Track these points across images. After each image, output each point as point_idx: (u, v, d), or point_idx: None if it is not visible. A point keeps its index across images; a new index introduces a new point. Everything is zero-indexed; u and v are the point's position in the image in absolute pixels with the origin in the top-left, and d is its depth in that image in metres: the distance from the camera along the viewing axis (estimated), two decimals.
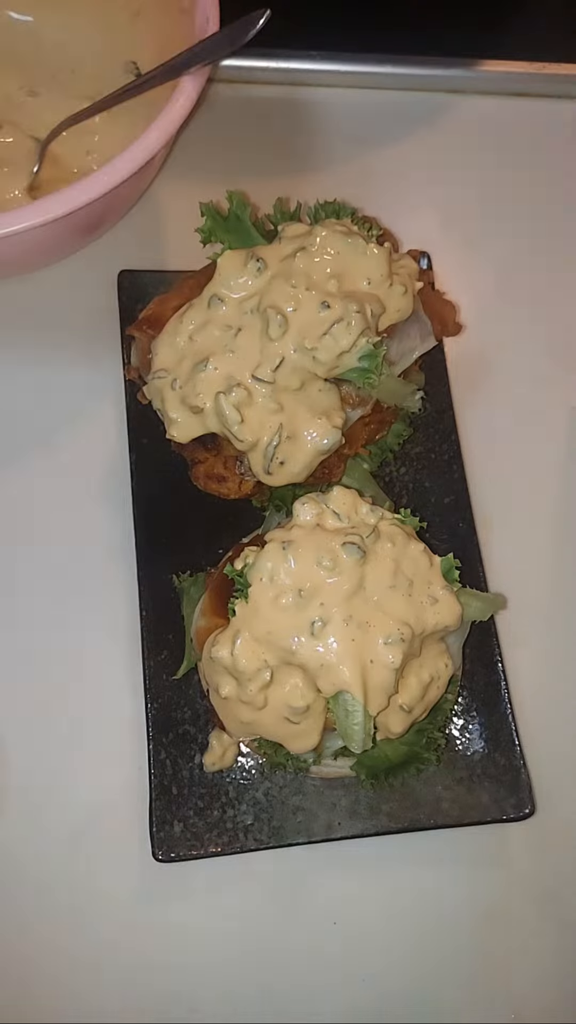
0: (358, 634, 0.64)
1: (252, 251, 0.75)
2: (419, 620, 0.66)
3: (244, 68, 1.04)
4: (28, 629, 0.83)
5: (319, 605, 0.64)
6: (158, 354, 0.75)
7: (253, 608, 0.65)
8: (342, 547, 0.65)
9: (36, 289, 0.93)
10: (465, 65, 1.07)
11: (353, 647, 0.64)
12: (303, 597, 0.64)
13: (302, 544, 0.66)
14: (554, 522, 0.91)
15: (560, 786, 0.82)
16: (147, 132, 0.78)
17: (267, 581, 0.65)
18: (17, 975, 0.75)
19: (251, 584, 0.65)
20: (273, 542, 0.66)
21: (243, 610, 0.65)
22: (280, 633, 0.64)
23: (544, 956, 0.78)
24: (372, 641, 0.64)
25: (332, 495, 0.69)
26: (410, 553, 0.68)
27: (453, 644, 0.73)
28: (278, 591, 0.65)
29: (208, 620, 0.71)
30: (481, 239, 1.02)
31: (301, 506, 0.68)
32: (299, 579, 0.65)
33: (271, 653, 0.65)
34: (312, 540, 0.66)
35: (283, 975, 0.76)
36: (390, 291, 0.74)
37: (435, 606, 0.67)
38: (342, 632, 0.64)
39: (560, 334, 0.99)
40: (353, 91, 1.07)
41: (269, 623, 0.64)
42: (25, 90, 0.96)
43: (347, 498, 0.69)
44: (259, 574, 0.65)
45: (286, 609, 0.64)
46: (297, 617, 0.64)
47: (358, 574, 0.65)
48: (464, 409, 0.92)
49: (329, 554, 0.65)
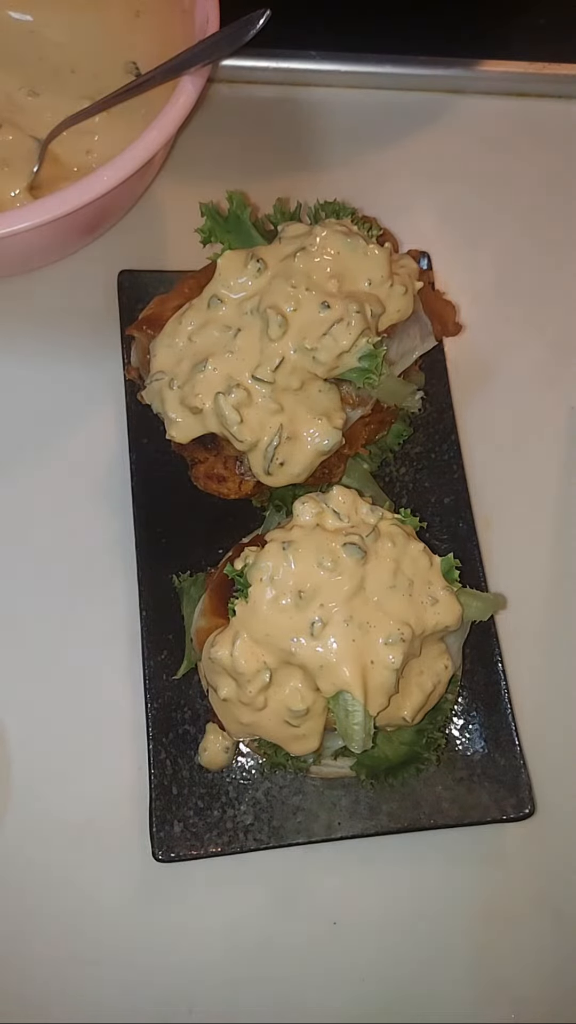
0: (358, 634, 0.64)
1: (252, 251, 0.75)
2: (419, 620, 0.66)
3: (244, 68, 1.04)
4: (28, 629, 0.83)
5: (319, 606, 0.64)
6: (156, 356, 0.75)
7: (253, 608, 0.65)
8: (343, 547, 0.65)
9: (36, 289, 0.93)
10: (465, 65, 1.07)
11: (353, 647, 0.64)
12: (303, 598, 0.64)
13: (302, 544, 0.66)
14: (554, 522, 0.91)
15: (560, 786, 0.82)
16: (147, 132, 0.78)
17: (267, 581, 0.65)
18: (17, 975, 0.75)
19: (251, 584, 0.65)
20: (273, 542, 0.66)
21: (243, 610, 0.65)
22: (280, 634, 0.64)
23: (544, 956, 0.79)
24: (372, 641, 0.64)
25: (332, 495, 0.69)
26: (410, 553, 0.68)
27: (453, 644, 0.73)
28: (278, 591, 0.65)
29: (208, 620, 0.71)
30: (481, 239, 1.02)
31: (301, 506, 0.68)
32: (299, 579, 0.65)
33: (271, 654, 0.65)
34: (312, 540, 0.66)
35: (283, 975, 0.76)
36: (391, 291, 0.74)
37: (435, 606, 0.67)
38: (342, 632, 0.64)
39: (560, 334, 0.99)
40: (353, 91, 1.07)
41: (269, 624, 0.64)
42: (25, 90, 0.96)
43: (347, 497, 0.69)
44: (259, 574, 0.65)
45: (286, 610, 0.64)
46: (297, 617, 0.64)
47: (359, 574, 0.65)
48: (464, 409, 0.92)
49: (330, 554, 0.65)
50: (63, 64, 0.97)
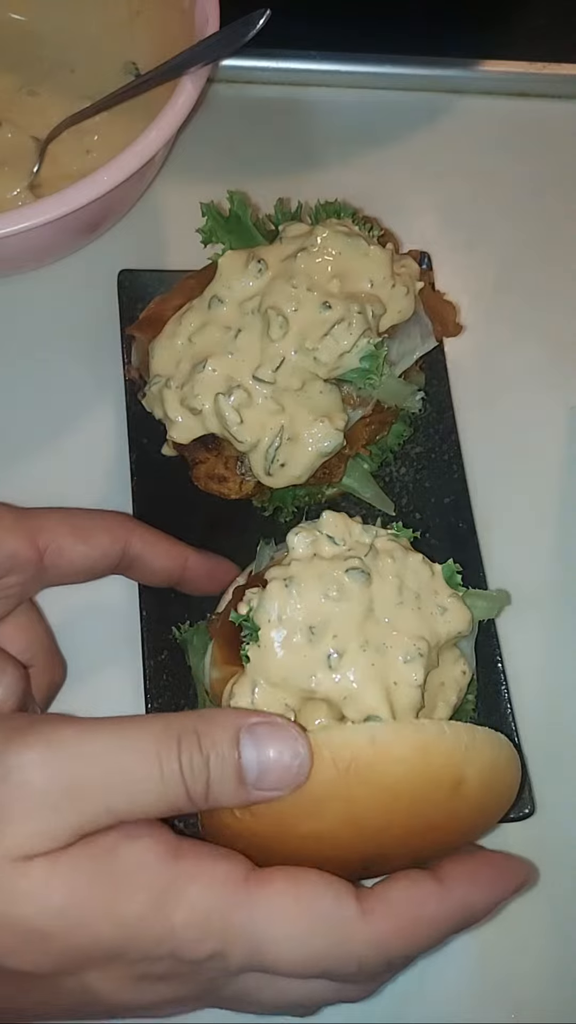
0: (377, 658, 0.63)
1: (253, 252, 0.75)
2: (433, 632, 0.65)
3: (244, 68, 1.04)
4: None
5: (332, 637, 0.63)
6: (155, 357, 0.75)
7: (266, 652, 0.63)
8: (345, 573, 0.64)
9: (36, 289, 0.93)
10: (465, 65, 1.07)
11: (374, 672, 0.62)
12: (315, 632, 0.63)
13: (304, 578, 0.64)
14: (554, 522, 0.91)
15: (560, 786, 0.82)
16: (147, 132, 0.78)
17: (276, 622, 0.63)
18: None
19: (260, 627, 0.63)
20: (275, 580, 0.64)
21: (256, 655, 0.63)
22: (298, 673, 0.63)
23: (544, 956, 0.78)
24: (392, 662, 0.63)
25: (323, 520, 0.68)
26: (411, 565, 0.67)
27: (466, 648, 0.72)
28: (289, 630, 0.63)
29: (221, 671, 0.69)
30: (481, 239, 1.02)
31: (295, 537, 0.67)
32: (308, 614, 0.63)
33: (291, 695, 0.63)
34: (314, 571, 0.64)
35: None
36: (393, 292, 0.74)
37: (445, 615, 0.66)
38: (361, 659, 0.62)
39: (560, 334, 0.99)
40: (353, 91, 1.07)
41: (285, 665, 0.63)
42: (25, 90, 0.96)
43: (338, 520, 0.68)
44: (266, 616, 0.63)
45: (300, 647, 0.63)
46: (312, 653, 0.63)
47: (366, 597, 0.64)
48: (464, 409, 0.92)
49: (334, 583, 0.64)
50: (62, 64, 0.98)
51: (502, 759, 0.63)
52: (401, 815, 0.59)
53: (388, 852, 0.62)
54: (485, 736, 0.62)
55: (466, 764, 0.59)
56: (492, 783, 0.61)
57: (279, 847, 0.59)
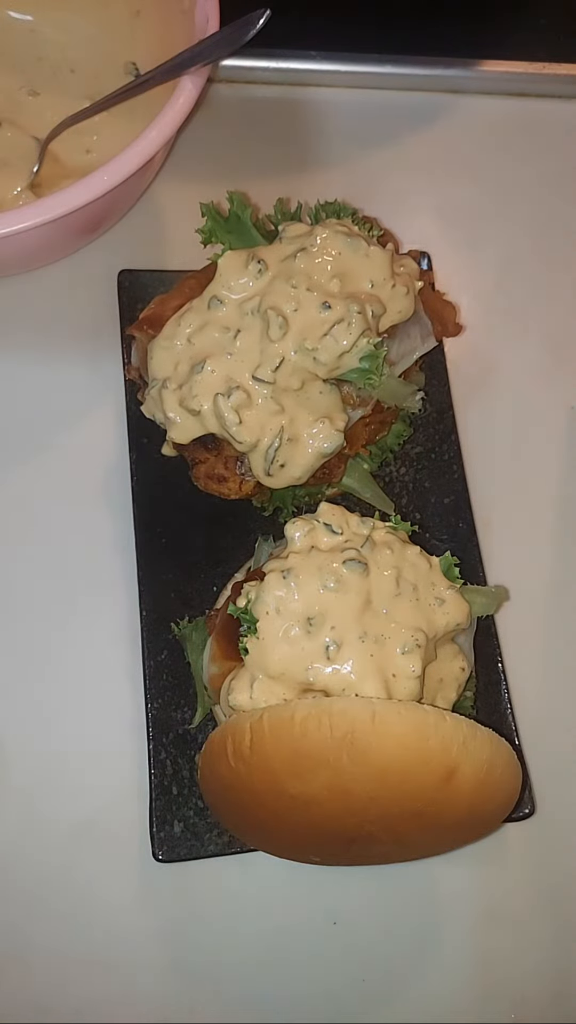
0: (375, 648, 0.63)
1: (253, 252, 0.75)
2: (431, 624, 0.65)
3: (244, 68, 1.04)
4: (28, 629, 0.83)
5: (330, 628, 0.63)
6: (154, 358, 0.75)
7: (264, 644, 0.63)
8: (343, 564, 0.64)
9: (36, 289, 0.93)
10: (465, 65, 1.07)
11: (372, 663, 0.62)
12: (313, 624, 0.63)
13: (302, 569, 0.64)
14: (554, 522, 0.91)
15: (560, 786, 0.82)
16: (147, 132, 0.78)
17: (274, 613, 0.63)
18: (17, 975, 0.75)
19: (258, 619, 0.64)
20: (273, 573, 0.65)
21: (255, 648, 0.64)
22: (296, 666, 0.63)
23: (544, 956, 0.79)
24: (390, 653, 0.63)
25: (320, 510, 0.68)
26: (409, 557, 0.67)
27: (464, 643, 0.72)
28: (287, 622, 0.63)
29: (220, 665, 0.70)
30: (481, 239, 1.02)
31: (292, 528, 0.67)
32: (306, 605, 0.63)
33: (290, 689, 0.63)
34: (311, 563, 0.65)
35: (283, 975, 0.76)
36: (393, 292, 0.74)
37: (443, 607, 0.67)
38: (359, 650, 0.63)
39: (560, 334, 0.99)
40: (353, 91, 1.07)
41: (283, 658, 0.63)
42: (25, 90, 0.96)
43: (336, 511, 0.68)
44: (264, 608, 0.64)
45: (298, 639, 0.63)
46: (310, 645, 0.63)
47: (364, 588, 0.64)
48: (464, 409, 0.92)
49: (332, 574, 0.64)
50: (63, 64, 0.98)
51: (500, 761, 0.62)
52: (389, 792, 0.59)
53: (373, 832, 0.62)
54: (486, 735, 0.62)
55: (462, 756, 0.59)
56: (487, 783, 0.61)
57: (271, 803, 0.60)
